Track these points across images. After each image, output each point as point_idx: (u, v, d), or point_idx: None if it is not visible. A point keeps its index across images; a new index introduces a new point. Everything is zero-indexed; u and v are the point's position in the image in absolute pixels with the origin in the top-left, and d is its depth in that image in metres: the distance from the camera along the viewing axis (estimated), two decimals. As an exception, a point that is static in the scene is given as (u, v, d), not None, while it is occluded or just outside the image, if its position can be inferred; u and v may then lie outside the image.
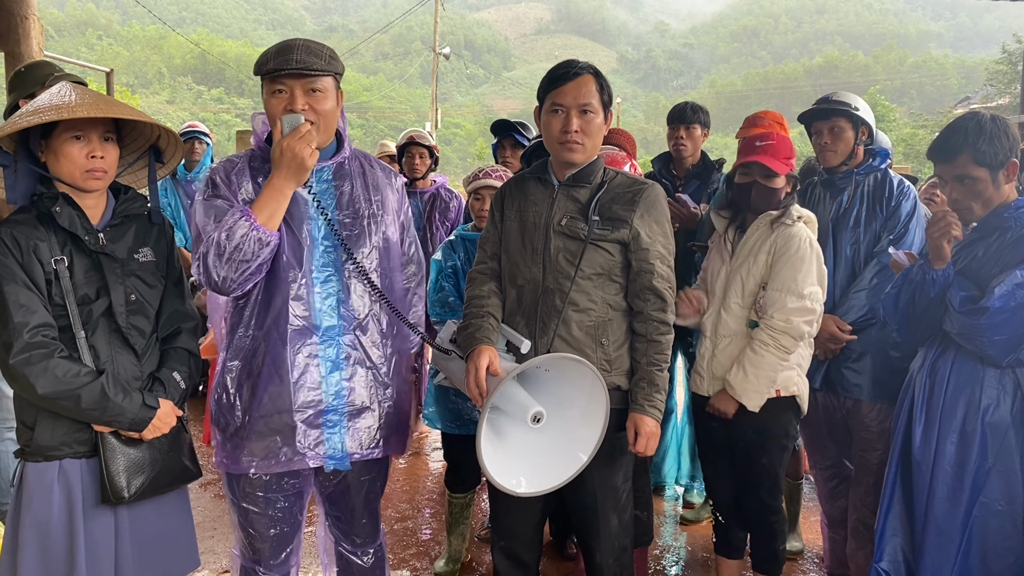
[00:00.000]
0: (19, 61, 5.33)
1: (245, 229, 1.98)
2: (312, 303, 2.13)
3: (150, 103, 68.45)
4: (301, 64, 2.01)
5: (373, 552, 2.46)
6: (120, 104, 2.05)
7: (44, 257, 1.98)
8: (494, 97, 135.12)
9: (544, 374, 2.19)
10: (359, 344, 2.20)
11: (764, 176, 2.70)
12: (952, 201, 2.39)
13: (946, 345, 2.42)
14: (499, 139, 4.42)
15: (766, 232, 2.69)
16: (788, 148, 2.72)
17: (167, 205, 5.33)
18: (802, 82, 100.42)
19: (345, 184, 2.22)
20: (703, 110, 3.94)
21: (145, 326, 2.13)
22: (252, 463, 2.15)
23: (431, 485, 4.56)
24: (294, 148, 1.99)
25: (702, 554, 3.70)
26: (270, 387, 2.12)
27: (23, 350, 1.90)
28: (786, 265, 2.61)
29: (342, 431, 2.19)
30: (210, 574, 3.37)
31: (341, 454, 2.20)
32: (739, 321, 2.72)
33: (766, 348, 2.60)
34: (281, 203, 2.04)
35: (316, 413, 2.15)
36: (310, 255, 2.13)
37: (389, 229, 2.27)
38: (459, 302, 3.12)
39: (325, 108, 2.09)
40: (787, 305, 2.59)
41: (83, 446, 2.04)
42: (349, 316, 2.18)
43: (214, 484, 4.36)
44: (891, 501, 2.53)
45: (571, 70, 2.24)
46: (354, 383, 2.20)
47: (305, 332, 2.12)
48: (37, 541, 2.02)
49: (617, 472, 2.38)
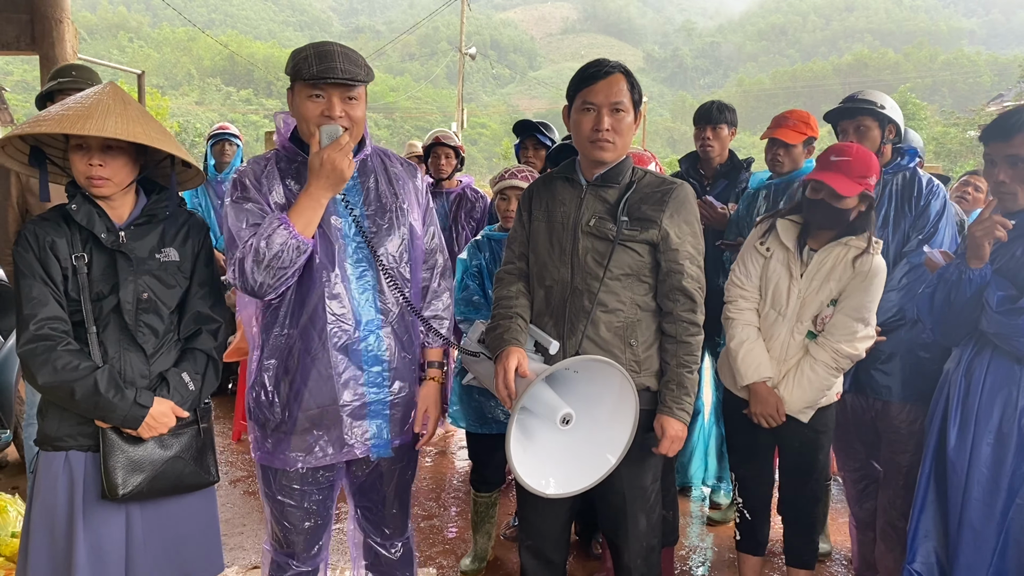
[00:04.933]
0: (53, 64, 5.43)
1: (284, 237, 2.01)
2: (350, 299, 2.16)
3: (180, 104, 69.23)
4: (347, 75, 2.04)
5: (402, 545, 2.49)
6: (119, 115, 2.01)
7: (61, 253, 2.04)
8: (520, 97, 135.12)
9: (573, 375, 2.19)
10: (394, 334, 2.24)
11: (832, 196, 2.59)
12: (997, 184, 2.33)
13: (982, 345, 2.39)
14: (521, 139, 4.43)
15: (846, 256, 2.62)
16: (863, 165, 2.57)
17: (197, 206, 5.39)
18: (831, 80, 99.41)
19: (370, 180, 2.25)
20: (730, 109, 3.91)
21: (158, 325, 2.14)
22: (298, 458, 2.19)
23: (457, 484, 4.57)
24: (335, 160, 2.02)
25: (728, 555, 3.68)
26: (311, 383, 2.16)
27: (29, 341, 1.97)
28: (864, 294, 2.59)
29: (384, 420, 2.25)
30: (239, 570, 3.41)
31: (384, 442, 2.26)
32: (804, 339, 2.72)
33: (828, 369, 2.61)
34: (318, 212, 2.08)
35: (361, 405, 2.21)
36: (343, 253, 2.16)
37: (414, 220, 2.30)
38: (483, 301, 3.13)
39: (359, 115, 2.13)
40: (857, 333, 2.59)
41: (88, 439, 2.08)
42: (386, 308, 2.22)
43: (243, 481, 4.40)
44: (924, 502, 2.50)
45: (602, 69, 2.24)
46: (393, 372, 2.25)
47: (345, 327, 2.16)
48: (45, 528, 2.08)
49: (646, 473, 2.37)
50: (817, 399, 2.66)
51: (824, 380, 2.63)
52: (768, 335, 2.75)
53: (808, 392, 2.64)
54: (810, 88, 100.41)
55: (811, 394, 2.64)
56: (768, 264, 2.77)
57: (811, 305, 2.67)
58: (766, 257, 2.77)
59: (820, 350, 2.63)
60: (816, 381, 2.63)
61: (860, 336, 2.60)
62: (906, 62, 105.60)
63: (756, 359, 2.71)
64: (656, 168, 3.09)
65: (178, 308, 2.20)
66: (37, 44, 5.74)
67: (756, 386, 2.70)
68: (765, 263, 2.78)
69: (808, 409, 2.67)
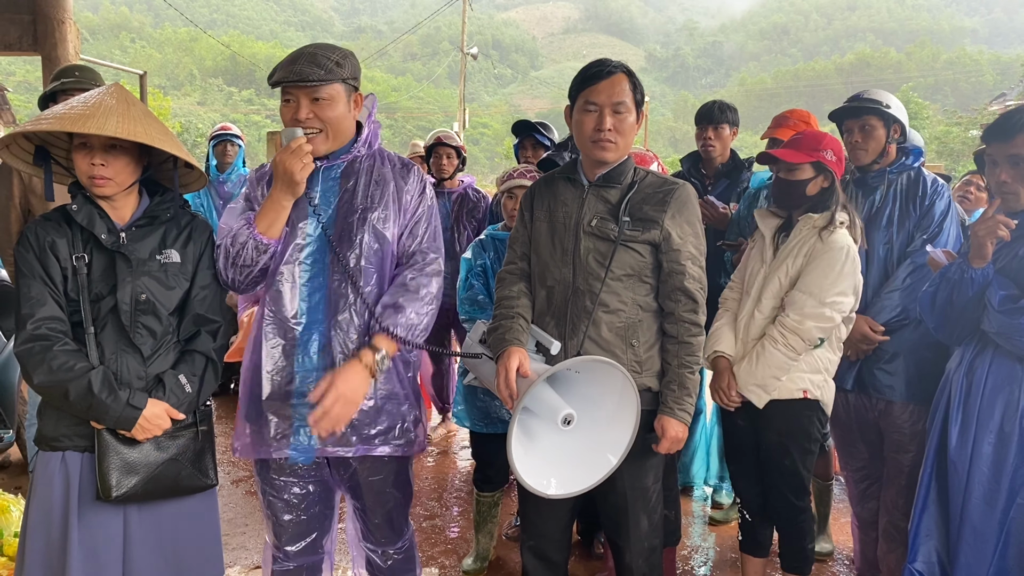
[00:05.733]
0: (56, 64, 5.44)
1: (245, 236, 2.12)
2: (294, 298, 2.18)
3: (182, 105, 69.27)
4: (298, 76, 2.07)
5: (393, 554, 2.45)
6: (121, 116, 2.00)
7: (61, 253, 2.05)
8: (522, 97, 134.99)
9: (574, 376, 2.19)
10: (342, 340, 2.17)
11: (786, 170, 2.69)
12: (999, 184, 2.34)
13: (984, 345, 2.39)
14: (520, 139, 4.43)
15: (809, 235, 2.67)
16: (816, 140, 2.67)
17: (200, 207, 5.40)
18: (833, 80, 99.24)
19: (350, 181, 2.24)
20: (732, 108, 3.90)
21: (155, 327, 2.12)
22: (235, 447, 2.28)
23: (459, 483, 4.58)
24: (285, 163, 2.07)
25: (730, 554, 3.68)
26: (253, 377, 2.22)
27: (26, 340, 1.98)
28: (816, 270, 2.59)
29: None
30: (241, 570, 3.42)
31: (306, 447, 2.21)
32: (768, 322, 2.70)
33: (775, 345, 2.60)
34: (279, 213, 2.14)
35: (285, 405, 2.20)
36: (297, 253, 2.19)
37: (381, 223, 2.20)
38: (488, 300, 3.13)
39: (331, 115, 2.14)
40: (805, 308, 2.57)
41: (83, 440, 2.08)
42: (330, 310, 2.18)
43: (245, 481, 4.41)
44: (926, 502, 2.50)
45: (605, 68, 2.24)
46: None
47: (282, 326, 2.19)
48: (41, 527, 2.08)
49: (647, 473, 2.37)
50: (764, 378, 2.61)
51: (771, 356, 2.59)
52: (738, 318, 2.80)
53: (757, 368, 2.62)
54: (812, 87, 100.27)
55: (759, 370, 2.62)
56: (748, 256, 2.87)
57: (770, 282, 2.70)
58: (751, 248, 2.87)
59: (771, 326, 2.65)
60: (763, 356, 2.61)
61: (808, 311, 2.55)
62: (908, 61, 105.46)
63: (717, 336, 2.78)
64: (658, 168, 3.09)
65: (178, 310, 2.18)
66: (39, 45, 5.75)
67: (713, 362, 2.75)
68: (747, 254, 2.87)
69: (757, 388, 2.63)
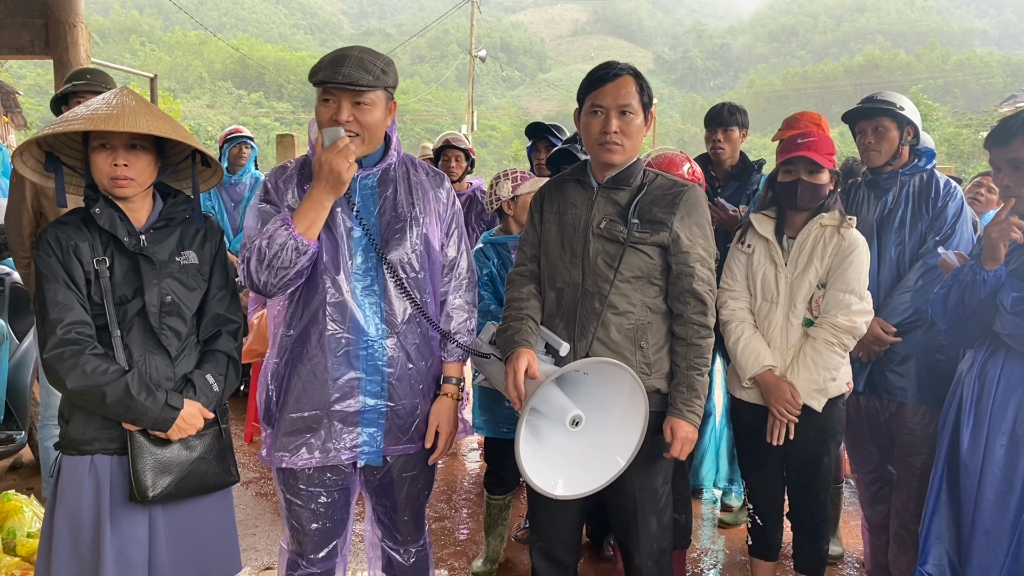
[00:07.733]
0: (67, 68, 5.49)
1: (284, 237, 2.04)
2: (351, 306, 2.16)
3: (191, 107, 69.50)
4: (346, 79, 2.05)
5: (415, 552, 2.48)
6: (146, 114, 2.02)
7: (84, 257, 2.04)
8: (530, 99, 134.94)
9: (583, 377, 2.19)
10: (400, 345, 2.23)
11: (809, 172, 2.68)
12: (1004, 188, 2.36)
13: (996, 347, 2.38)
14: (533, 141, 4.43)
15: (821, 234, 2.68)
16: (829, 145, 2.70)
17: (210, 208, 5.42)
18: (842, 81, 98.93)
19: (388, 189, 2.25)
20: (741, 110, 3.90)
21: (181, 327, 2.15)
22: (283, 458, 2.21)
23: (468, 485, 4.58)
24: (332, 162, 2.03)
25: (740, 557, 3.67)
26: (304, 385, 2.18)
27: (56, 346, 1.96)
28: (850, 268, 2.61)
29: (379, 428, 2.24)
30: (252, 571, 3.43)
31: (375, 450, 2.25)
32: (800, 324, 2.71)
33: (831, 348, 2.60)
34: (320, 214, 2.09)
35: (354, 412, 2.20)
36: (350, 259, 2.17)
37: (430, 231, 2.27)
38: (499, 309, 3.13)
39: (370, 121, 2.13)
40: (852, 306, 2.59)
41: (114, 443, 2.08)
42: (391, 318, 2.21)
43: (256, 482, 4.42)
44: (937, 504, 2.50)
45: (611, 71, 2.25)
46: (393, 382, 2.22)
47: (344, 334, 2.17)
48: (69, 532, 2.08)
49: (657, 475, 2.37)
50: (825, 381, 2.61)
51: (827, 358, 2.59)
52: (765, 327, 2.75)
53: (814, 372, 2.60)
54: (821, 89, 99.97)
55: (817, 374, 2.60)
56: (751, 260, 2.81)
57: (800, 287, 2.69)
58: (748, 254, 2.82)
59: (818, 329, 2.63)
60: (820, 360, 2.60)
61: (855, 309, 2.60)
62: (918, 63, 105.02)
63: (755, 350, 2.70)
64: (690, 169, 3.08)
65: (198, 311, 2.20)
66: (51, 48, 5.79)
67: (763, 377, 2.68)
68: (748, 260, 2.82)
69: (818, 394, 2.62)
